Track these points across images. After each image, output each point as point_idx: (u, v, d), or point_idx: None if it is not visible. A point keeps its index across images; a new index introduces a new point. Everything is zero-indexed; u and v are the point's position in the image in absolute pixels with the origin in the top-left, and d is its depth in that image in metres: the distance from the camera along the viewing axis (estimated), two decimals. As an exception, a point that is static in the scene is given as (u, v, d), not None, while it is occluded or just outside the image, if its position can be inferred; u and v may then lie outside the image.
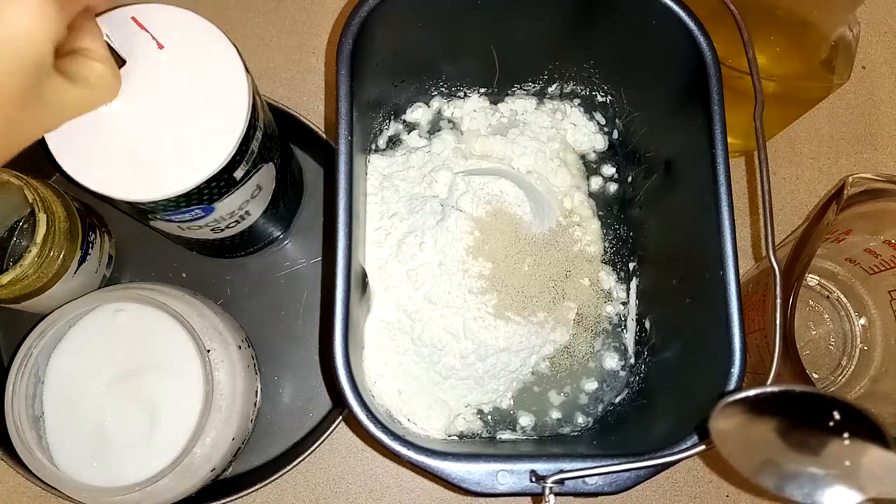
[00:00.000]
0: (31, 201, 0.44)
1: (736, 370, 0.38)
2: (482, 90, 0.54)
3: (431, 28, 0.46)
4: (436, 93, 0.54)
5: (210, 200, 0.39)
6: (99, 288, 0.52)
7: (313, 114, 0.57)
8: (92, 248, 0.49)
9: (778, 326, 0.37)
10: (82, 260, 0.48)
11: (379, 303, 0.47)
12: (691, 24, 0.42)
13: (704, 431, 0.37)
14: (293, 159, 0.53)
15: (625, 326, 0.51)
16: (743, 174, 0.58)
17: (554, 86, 0.53)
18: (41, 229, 0.43)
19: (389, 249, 0.47)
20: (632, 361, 0.50)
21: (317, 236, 0.55)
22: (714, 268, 0.40)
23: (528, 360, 0.49)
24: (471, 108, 0.54)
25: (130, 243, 0.54)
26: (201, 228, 0.43)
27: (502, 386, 0.49)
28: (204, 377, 0.43)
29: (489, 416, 0.49)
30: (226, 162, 0.37)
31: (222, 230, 0.44)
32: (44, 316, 0.45)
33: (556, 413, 0.49)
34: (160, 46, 0.37)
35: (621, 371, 0.50)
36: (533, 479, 0.36)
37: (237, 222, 0.44)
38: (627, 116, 0.52)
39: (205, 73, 0.37)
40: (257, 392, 0.50)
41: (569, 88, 0.54)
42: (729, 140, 0.41)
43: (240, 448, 0.48)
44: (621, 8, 0.44)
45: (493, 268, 0.47)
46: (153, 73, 0.37)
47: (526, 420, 0.49)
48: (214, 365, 0.44)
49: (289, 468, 0.48)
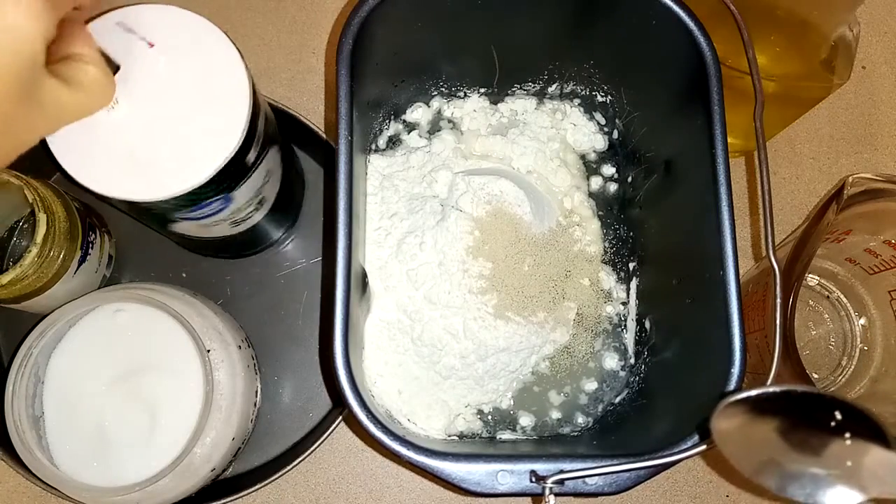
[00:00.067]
0: (31, 201, 0.44)
1: (736, 370, 0.38)
2: (482, 90, 0.54)
3: (431, 28, 0.46)
4: (436, 93, 0.54)
5: (229, 189, 0.39)
6: (99, 288, 0.52)
7: (313, 114, 0.57)
8: (92, 248, 0.49)
9: (778, 326, 0.37)
10: (82, 260, 0.48)
11: (379, 303, 0.47)
12: (691, 24, 0.42)
13: (704, 431, 0.37)
14: (295, 160, 0.53)
15: (625, 326, 0.51)
16: (743, 174, 0.58)
17: (554, 86, 0.53)
18: (41, 229, 0.43)
19: (389, 249, 0.47)
20: (632, 361, 0.50)
21: (317, 236, 0.55)
22: (714, 268, 0.40)
23: (528, 360, 0.49)
24: (471, 108, 0.54)
25: (130, 243, 0.54)
26: (223, 222, 0.43)
27: (502, 386, 0.49)
28: (204, 377, 0.43)
29: (489, 416, 0.49)
30: (239, 145, 0.37)
31: (240, 223, 0.44)
32: (44, 316, 0.45)
33: (556, 413, 0.49)
34: (150, 45, 0.37)
35: (621, 371, 0.50)
36: (533, 480, 0.36)
37: (255, 210, 0.45)
38: (627, 116, 0.52)
39: (203, 67, 0.37)
40: (257, 392, 0.50)
41: (569, 88, 0.54)
42: (729, 140, 0.41)
43: (240, 448, 0.48)
44: (621, 8, 0.44)
45: (493, 268, 0.47)
46: (153, 73, 0.37)
47: (526, 420, 0.49)
48: (214, 365, 0.44)
49: (289, 468, 0.48)
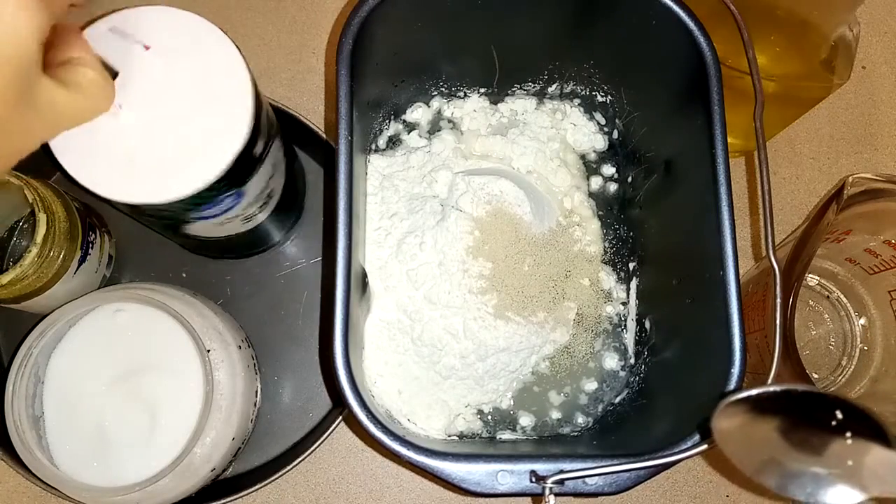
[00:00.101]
0: (31, 201, 0.44)
1: (736, 370, 0.38)
2: (482, 90, 0.54)
3: (431, 28, 0.46)
4: (436, 93, 0.54)
5: (240, 183, 0.39)
6: (99, 288, 0.52)
7: (313, 114, 0.57)
8: (92, 248, 0.49)
9: (778, 326, 0.37)
10: (82, 260, 0.48)
11: (379, 303, 0.47)
12: (691, 24, 0.42)
13: (704, 431, 0.37)
14: (296, 160, 0.53)
15: (625, 326, 0.51)
16: (743, 174, 0.58)
17: (554, 86, 0.53)
18: (41, 229, 0.43)
19: (389, 249, 0.47)
20: (632, 361, 0.50)
21: (317, 236, 0.54)
22: (714, 268, 0.40)
23: (528, 360, 0.49)
24: (471, 108, 0.54)
25: (130, 243, 0.54)
26: (236, 219, 0.43)
27: (502, 386, 0.49)
28: (204, 377, 0.43)
29: (489, 416, 0.49)
30: (247, 137, 0.37)
31: (250, 219, 0.45)
32: (44, 316, 0.45)
33: (556, 413, 0.49)
34: (146, 47, 0.37)
35: (621, 371, 0.50)
36: (533, 480, 0.36)
37: (264, 204, 0.45)
38: (627, 116, 0.52)
39: (203, 65, 0.37)
40: (257, 392, 0.50)
41: (569, 88, 0.54)
42: (729, 140, 0.41)
43: (240, 448, 0.48)
44: (621, 8, 0.44)
45: (493, 268, 0.47)
46: (153, 76, 0.37)
47: (526, 420, 0.49)
48: (214, 365, 0.44)
49: (289, 468, 0.48)
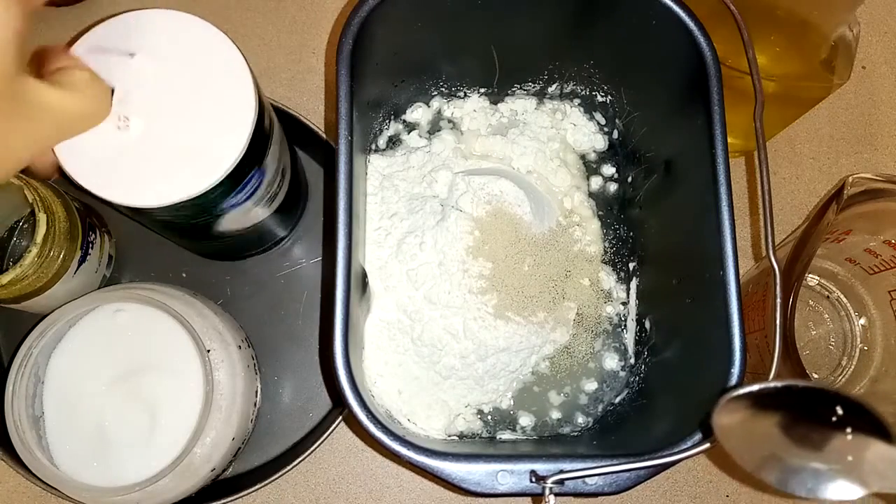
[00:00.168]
0: (31, 201, 0.44)
1: (736, 370, 0.38)
2: (482, 90, 0.54)
3: (431, 28, 0.46)
4: (436, 93, 0.54)
5: (260, 160, 0.40)
6: (99, 288, 0.52)
7: (313, 114, 0.57)
8: (92, 248, 0.49)
9: (778, 326, 0.37)
10: (82, 260, 0.48)
11: (379, 303, 0.47)
12: (691, 24, 0.42)
13: (704, 431, 0.37)
14: (297, 160, 0.53)
15: (625, 326, 0.51)
16: (743, 174, 0.58)
17: (554, 86, 0.53)
18: (41, 229, 0.43)
19: (389, 249, 0.47)
20: (632, 361, 0.50)
21: (317, 236, 0.54)
22: (714, 268, 0.40)
23: (528, 360, 0.49)
24: (471, 108, 0.54)
25: (130, 243, 0.54)
26: (261, 203, 0.43)
27: (502, 386, 0.49)
28: (204, 377, 0.43)
29: (489, 416, 0.49)
30: (256, 114, 0.38)
31: (273, 199, 0.45)
32: (44, 316, 0.44)
33: (556, 413, 0.49)
34: (130, 55, 0.37)
35: (621, 371, 0.50)
36: (533, 480, 0.36)
37: (281, 181, 0.45)
38: (627, 116, 0.52)
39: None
40: (257, 392, 0.50)
41: (569, 88, 0.54)
42: (729, 140, 0.41)
43: (240, 448, 0.48)
44: (621, 8, 0.44)
45: (493, 268, 0.47)
46: (151, 80, 0.37)
47: (526, 420, 0.49)
48: (214, 365, 0.44)
49: (289, 468, 0.48)
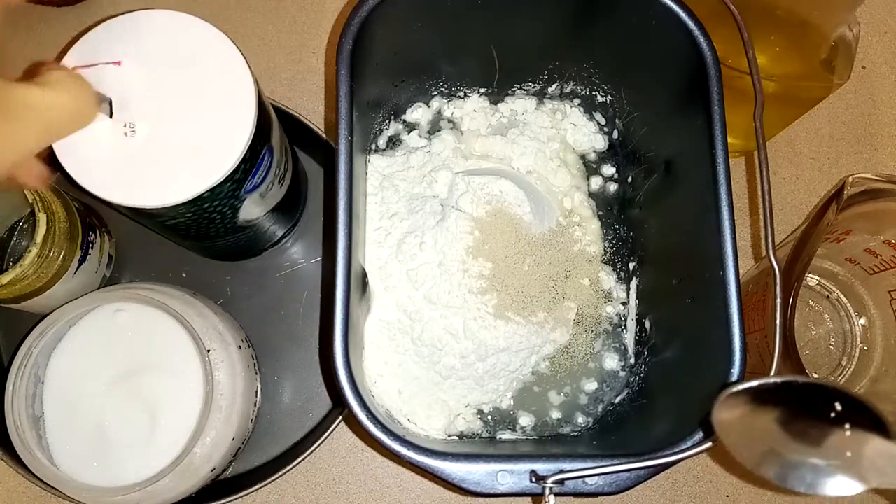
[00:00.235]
0: (31, 201, 0.44)
1: (736, 370, 0.38)
2: (482, 90, 0.54)
3: (431, 28, 0.46)
4: (436, 93, 0.54)
5: (268, 136, 0.40)
6: (99, 288, 0.52)
7: (313, 114, 0.57)
8: (92, 248, 0.49)
9: (778, 326, 0.37)
10: (82, 260, 0.48)
11: (379, 303, 0.47)
12: (691, 24, 0.42)
13: (704, 431, 0.37)
14: (297, 159, 0.53)
15: (625, 326, 0.51)
16: (743, 174, 0.58)
17: (554, 86, 0.53)
18: (41, 229, 0.43)
19: (389, 249, 0.47)
20: (632, 361, 0.50)
21: (317, 236, 0.54)
22: (714, 268, 0.40)
23: (528, 360, 0.49)
24: (471, 108, 0.54)
25: (130, 243, 0.54)
26: (274, 182, 0.44)
27: (502, 386, 0.49)
28: (204, 377, 0.43)
29: (489, 416, 0.49)
30: (258, 94, 0.38)
31: (283, 179, 0.46)
32: (44, 316, 0.44)
33: (556, 413, 0.49)
34: (117, 63, 0.37)
35: (621, 371, 0.50)
36: (533, 480, 0.36)
37: (287, 163, 0.46)
38: (627, 116, 0.52)
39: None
40: (257, 392, 0.50)
41: (569, 88, 0.54)
42: (729, 140, 0.41)
43: (240, 448, 0.48)
44: (621, 8, 0.44)
45: (493, 268, 0.47)
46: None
47: (526, 420, 0.49)
48: (214, 365, 0.44)
49: (289, 468, 0.48)
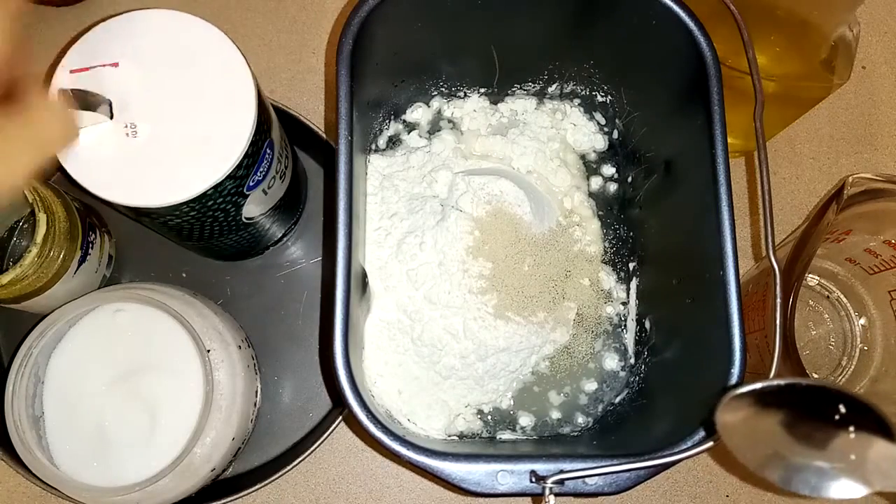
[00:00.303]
0: (31, 201, 0.44)
1: (736, 370, 0.38)
2: (482, 90, 0.54)
3: (431, 28, 0.46)
4: (436, 93, 0.54)
5: (268, 132, 0.40)
6: (99, 288, 0.52)
7: (313, 114, 0.57)
8: (92, 248, 0.49)
9: (778, 326, 0.37)
10: (82, 260, 0.48)
11: (379, 303, 0.47)
12: (691, 24, 0.42)
13: (705, 431, 0.37)
14: (297, 159, 0.53)
15: (625, 326, 0.51)
16: (743, 174, 0.58)
17: (554, 86, 0.53)
18: (41, 229, 0.43)
19: (389, 249, 0.47)
20: (632, 362, 0.50)
21: (317, 236, 0.54)
22: (714, 268, 0.40)
23: (528, 360, 0.49)
24: (471, 108, 0.54)
25: (130, 243, 0.54)
26: (276, 177, 0.44)
27: (502, 386, 0.49)
28: (204, 377, 0.43)
29: (489, 416, 0.49)
30: (257, 89, 0.38)
31: (284, 175, 0.46)
32: (44, 316, 0.44)
33: (556, 413, 0.49)
34: (115, 65, 0.38)
35: (621, 371, 0.50)
36: (533, 480, 0.36)
37: (287, 158, 0.46)
38: (627, 116, 0.52)
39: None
40: (257, 392, 0.50)
41: (569, 88, 0.54)
42: (729, 140, 0.41)
43: (240, 448, 0.48)
44: (621, 8, 0.44)
45: (493, 268, 0.47)
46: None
47: (526, 420, 0.49)
48: (214, 365, 0.44)
49: (289, 468, 0.48)
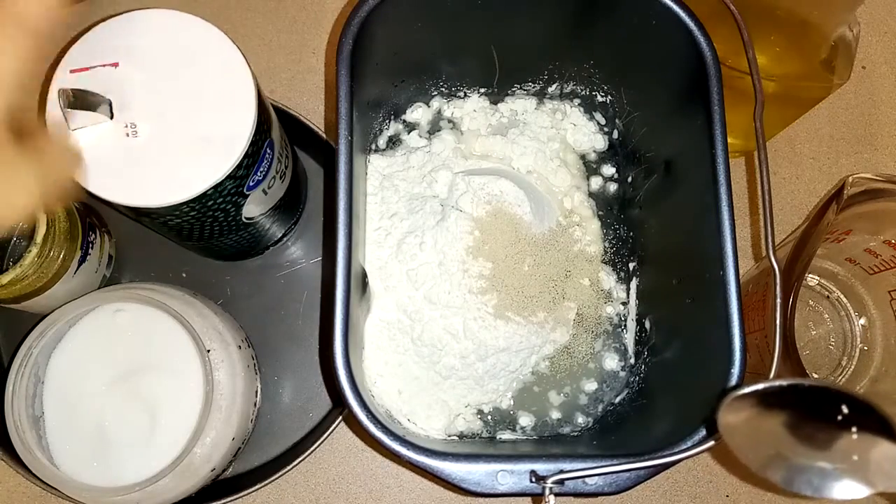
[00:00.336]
0: (31, 201, 0.44)
1: (736, 370, 0.38)
2: (482, 90, 0.54)
3: (431, 28, 0.46)
4: (436, 93, 0.54)
5: (268, 132, 0.40)
6: (99, 288, 0.52)
7: (313, 114, 0.57)
8: (92, 248, 0.49)
9: (778, 326, 0.37)
10: (82, 260, 0.48)
11: (379, 303, 0.47)
12: (691, 24, 0.42)
13: (704, 431, 0.37)
14: (297, 160, 0.53)
15: (625, 326, 0.51)
16: (743, 174, 0.58)
17: (554, 86, 0.53)
18: (41, 229, 0.43)
19: (389, 249, 0.47)
20: (632, 361, 0.50)
21: (317, 236, 0.54)
22: (714, 268, 0.40)
23: (528, 360, 0.49)
24: (471, 108, 0.54)
25: (130, 243, 0.54)
26: (276, 177, 0.44)
27: (502, 386, 0.49)
28: (204, 377, 0.43)
29: (489, 416, 0.49)
30: (257, 88, 0.38)
31: (284, 175, 0.46)
32: (44, 316, 0.45)
33: (556, 413, 0.49)
34: (114, 65, 0.38)
35: (621, 371, 0.50)
36: (533, 480, 0.36)
37: (288, 158, 0.46)
38: (627, 116, 0.52)
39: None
40: (257, 392, 0.50)
41: (569, 88, 0.54)
42: (729, 140, 0.41)
43: (240, 448, 0.48)
44: (621, 8, 0.44)
45: (493, 268, 0.47)
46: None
47: (526, 420, 0.49)
48: (214, 365, 0.44)
49: (289, 468, 0.48)
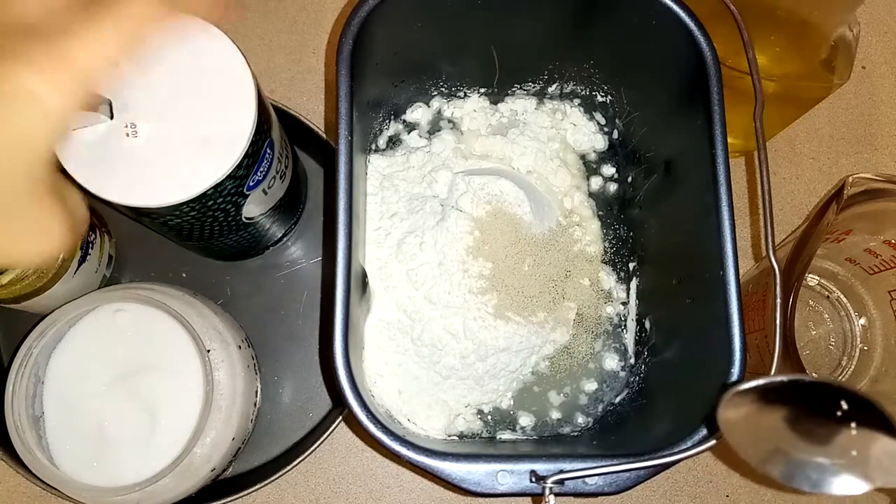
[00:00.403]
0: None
1: (736, 370, 0.38)
2: (482, 90, 0.54)
3: (431, 28, 0.46)
4: (436, 93, 0.54)
5: (268, 132, 0.40)
6: (99, 288, 0.52)
7: (313, 114, 0.57)
8: (92, 248, 0.49)
9: (778, 326, 0.37)
10: (82, 260, 0.48)
11: (379, 303, 0.47)
12: (691, 24, 0.42)
13: (705, 431, 0.37)
14: (297, 160, 0.53)
15: (625, 326, 0.51)
16: (743, 174, 0.58)
17: (554, 86, 0.53)
18: (41, 229, 0.43)
19: (389, 249, 0.47)
20: (632, 362, 0.50)
21: (317, 236, 0.54)
22: (714, 268, 0.40)
23: (528, 361, 0.49)
24: (471, 108, 0.54)
25: (130, 243, 0.54)
26: (276, 177, 0.44)
27: (502, 386, 0.49)
28: (204, 377, 0.43)
29: (489, 416, 0.49)
30: (257, 87, 0.38)
31: (284, 175, 0.45)
32: (44, 316, 0.45)
33: (556, 413, 0.49)
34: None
35: (621, 371, 0.50)
36: (533, 480, 0.36)
37: (288, 158, 0.46)
38: (627, 116, 0.52)
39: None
40: (257, 392, 0.50)
41: (569, 88, 0.54)
42: (729, 140, 0.41)
43: (240, 448, 0.48)
44: (621, 8, 0.44)
45: (493, 268, 0.47)
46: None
47: (526, 420, 0.49)
48: (214, 365, 0.44)
49: (289, 468, 0.48)
